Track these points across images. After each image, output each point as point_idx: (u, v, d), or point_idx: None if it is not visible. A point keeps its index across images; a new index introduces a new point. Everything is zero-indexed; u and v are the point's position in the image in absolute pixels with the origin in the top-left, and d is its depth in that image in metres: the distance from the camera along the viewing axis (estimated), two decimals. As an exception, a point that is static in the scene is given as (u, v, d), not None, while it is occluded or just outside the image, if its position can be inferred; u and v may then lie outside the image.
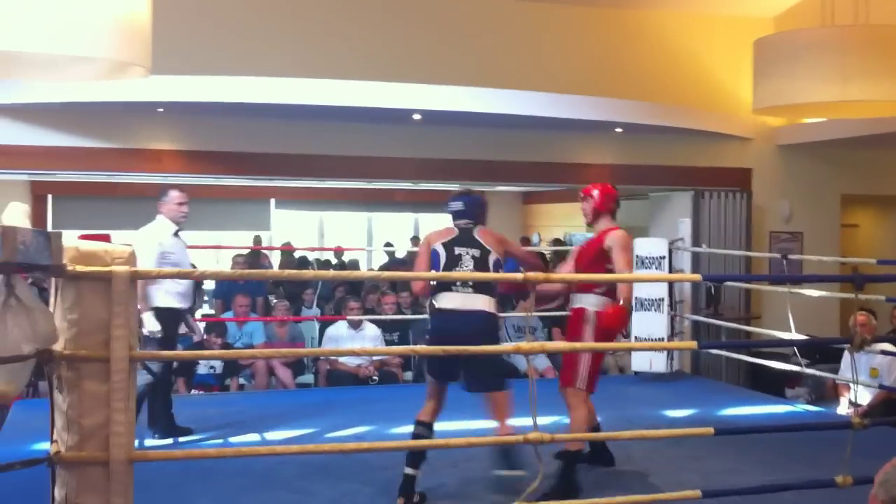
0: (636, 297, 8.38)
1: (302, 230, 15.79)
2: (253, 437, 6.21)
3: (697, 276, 5.70)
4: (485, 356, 4.75)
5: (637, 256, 8.51)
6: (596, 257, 5.20)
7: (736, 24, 10.26)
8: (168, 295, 5.98)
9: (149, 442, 5.93)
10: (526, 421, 3.98)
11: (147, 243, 5.97)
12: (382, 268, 13.19)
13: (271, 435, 6.25)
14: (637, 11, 10.16)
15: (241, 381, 8.41)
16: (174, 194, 6.19)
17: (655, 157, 10.28)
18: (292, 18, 9.13)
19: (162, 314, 5.93)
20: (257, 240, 13.89)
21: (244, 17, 9.00)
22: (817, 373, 7.54)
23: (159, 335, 5.87)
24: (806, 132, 10.33)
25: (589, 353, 5.08)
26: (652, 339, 8.15)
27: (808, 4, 9.11)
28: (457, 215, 5.07)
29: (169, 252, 6.02)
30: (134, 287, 3.30)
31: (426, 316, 7.98)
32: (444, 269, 4.96)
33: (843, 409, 7.17)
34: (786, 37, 7.94)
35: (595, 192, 5.28)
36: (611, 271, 5.11)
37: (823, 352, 8.61)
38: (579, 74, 9.77)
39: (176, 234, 6.16)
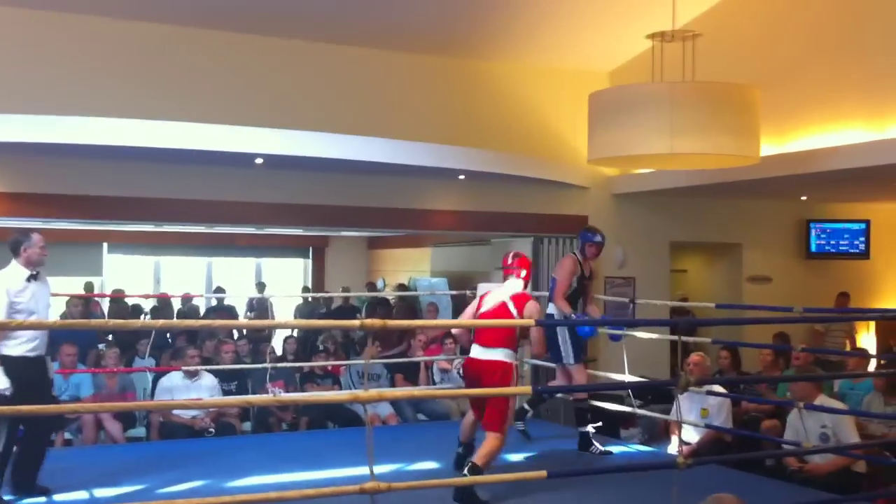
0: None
1: (136, 275, 15.19)
2: (80, 495, 5.87)
3: (531, 321, 5.80)
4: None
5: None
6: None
7: (574, 77, 10.65)
8: (22, 344, 5.59)
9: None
10: (363, 470, 3.91)
11: (2, 294, 5.59)
12: (209, 313, 12.80)
13: (99, 493, 5.92)
14: (481, 62, 10.40)
15: (68, 435, 7.95)
16: (37, 237, 5.82)
17: (497, 203, 10.49)
18: (131, 58, 8.86)
19: (17, 365, 5.54)
20: (89, 286, 13.20)
21: (77, 54, 8.65)
22: (649, 413, 7.80)
23: (7, 392, 5.46)
24: (638, 182, 10.78)
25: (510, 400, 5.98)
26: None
27: (641, 60, 9.56)
28: None
29: (18, 300, 5.64)
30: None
31: (266, 364, 7.81)
32: None
33: (673, 448, 7.42)
34: (618, 91, 8.30)
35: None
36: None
37: (656, 392, 8.92)
38: (424, 122, 9.89)
39: (33, 278, 5.78)
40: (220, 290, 13.50)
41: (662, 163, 8.85)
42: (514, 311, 6.05)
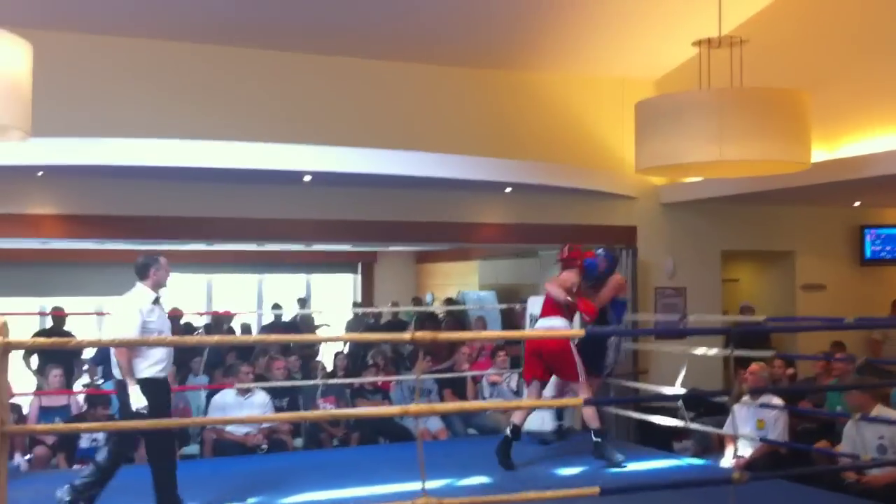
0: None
1: (189, 293, 15.39)
2: (134, 513, 5.94)
3: (581, 332, 5.79)
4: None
5: (531, 315, 8.58)
6: None
7: (620, 86, 10.58)
8: (153, 365, 5.69)
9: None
10: (415, 485, 3.90)
11: (131, 313, 5.72)
12: (265, 329, 12.90)
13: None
14: (526, 73, 10.39)
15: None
16: (164, 261, 5.96)
17: (544, 215, 10.44)
18: (178, 79, 9.00)
19: (148, 386, 5.65)
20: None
21: (128, 77, 8.81)
22: (701, 427, 7.68)
23: (145, 410, 5.58)
24: (687, 191, 10.68)
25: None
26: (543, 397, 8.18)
27: (687, 68, 9.49)
28: None
29: (149, 321, 5.76)
30: (5, 358, 3.13)
31: (317, 381, 7.90)
32: None
33: (727, 461, 7.30)
34: (666, 99, 8.22)
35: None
36: None
37: (709, 404, 8.80)
38: (470, 135, 9.90)
39: (156, 301, 5.90)
40: (277, 306, 13.62)
41: (712, 171, 8.74)
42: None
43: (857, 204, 11.46)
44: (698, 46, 8.38)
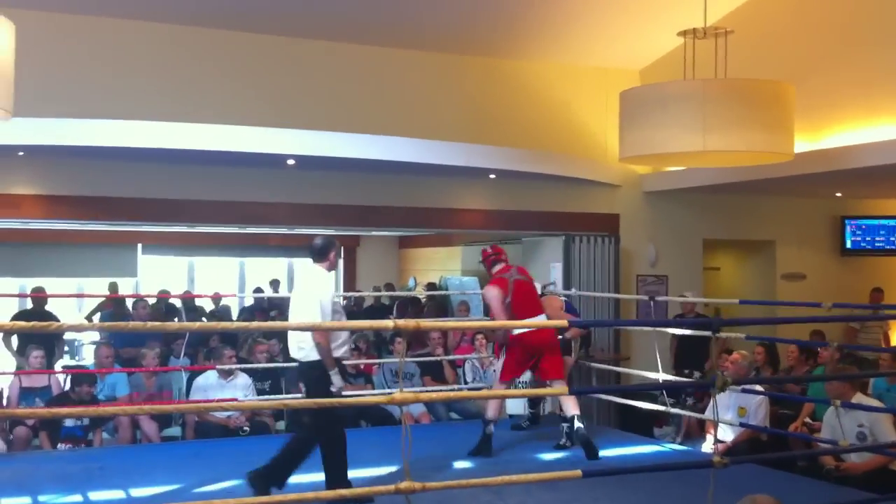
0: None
1: (171, 276, 15.33)
2: (116, 494, 5.94)
3: (564, 322, 5.83)
4: None
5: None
6: None
7: (604, 75, 10.61)
8: (340, 346, 5.69)
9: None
10: (397, 468, 3.92)
11: (327, 296, 5.65)
12: (245, 312, 12.87)
13: (136, 492, 5.99)
14: (511, 61, 10.39)
15: (105, 434, 8.04)
16: (338, 244, 5.90)
17: (527, 202, 10.48)
18: (162, 61, 8.94)
19: (342, 368, 5.73)
20: (113, 287, 13.21)
21: (111, 59, 8.75)
22: (683, 412, 7.75)
23: (342, 392, 5.63)
24: (670, 180, 10.73)
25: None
26: (525, 382, 8.22)
27: (672, 58, 9.51)
28: None
29: (335, 302, 5.78)
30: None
31: (294, 364, 7.87)
32: None
33: (708, 446, 7.37)
34: (650, 89, 8.25)
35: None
36: None
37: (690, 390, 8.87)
38: (453, 121, 9.91)
39: None
40: (259, 290, 13.58)
41: (695, 160, 8.79)
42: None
43: (838, 195, 11.55)
44: (683, 36, 8.40)
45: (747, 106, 7.41)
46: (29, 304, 10.86)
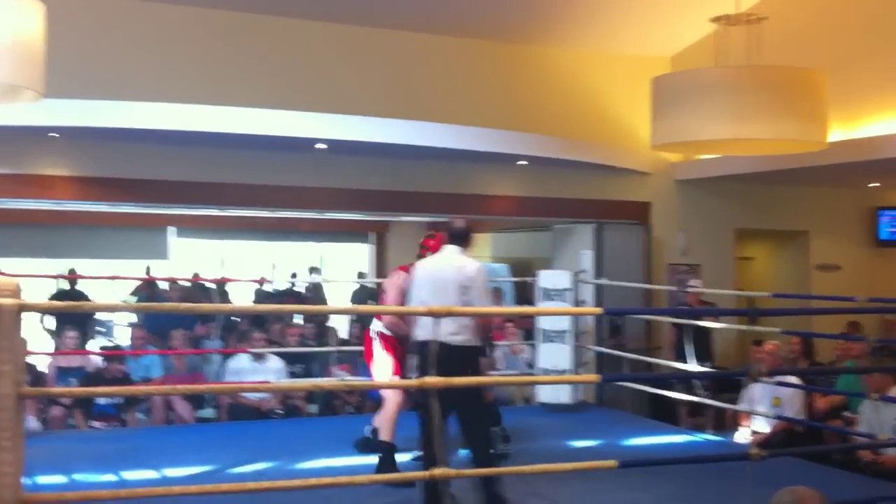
0: (542, 329, 8.46)
1: (202, 259, 15.41)
2: (150, 474, 5.98)
3: (599, 310, 5.79)
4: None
5: (542, 288, 8.59)
6: None
7: (635, 62, 10.52)
8: None
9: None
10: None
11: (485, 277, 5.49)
12: (276, 297, 12.97)
13: (170, 472, 6.02)
14: (542, 48, 10.33)
15: (139, 415, 8.13)
16: None
17: (558, 189, 10.43)
18: (195, 44, 8.97)
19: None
20: (147, 270, 13.37)
21: (145, 41, 8.79)
22: (717, 403, 7.69)
23: None
24: (702, 168, 10.64)
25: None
26: (557, 370, 8.21)
27: (704, 45, 9.42)
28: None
29: None
30: (19, 320, 3.13)
31: (332, 348, 7.85)
32: None
33: (741, 437, 7.32)
34: (682, 76, 8.17)
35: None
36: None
37: (724, 381, 8.81)
38: (485, 107, 9.87)
39: None
40: (293, 275, 13.78)
41: (727, 148, 8.71)
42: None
43: (872, 185, 11.41)
44: (716, 23, 8.32)
45: (780, 94, 7.34)
46: (64, 285, 10.99)
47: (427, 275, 5.45)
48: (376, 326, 6.16)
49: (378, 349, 6.12)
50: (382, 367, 6.06)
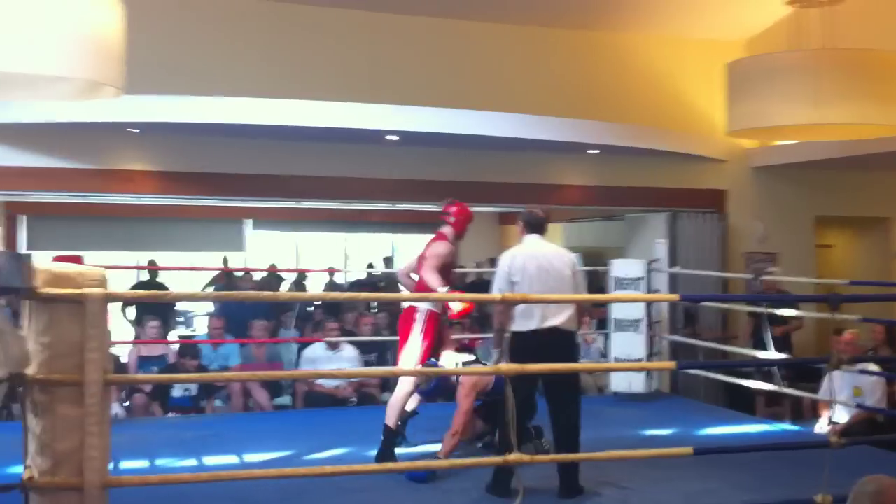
0: (615, 318, 8.41)
1: (277, 251, 15.70)
2: (230, 459, 6.13)
3: (676, 296, 5.72)
4: None
5: (615, 278, 8.53)
6: None
7: (708, 47, 10.35)
8: None
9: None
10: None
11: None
12: (352, 287, 13.16)
13: (249, 458, 6.17)
14: (611, 34, 10.23)
15: (218, 402, 8.32)
16: None
17: (630, 178, 10.33)
18: (268, 39, 9.13)
19: None
20: (225, 261, 13.67)
21: (219, 37, 8.98)
22: (796, 392, 7.55)
23: None
24: (779, 154, 10.43)
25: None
26: (630, 360, 8.15)
27: (780, 28, 9.22)
28: None
29: None
30: (105, 309, 3.24)
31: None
32: None
33: (820, 427, 7.18)
34: (758, 60, 8.02)
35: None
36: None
37: (802, 370, 8.65)
38: (555, 96, 9.82)
39: None
40: (370, 266, 14.05)
41: (806, 134, 8.53)
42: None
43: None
44: (791, 5, 8.13)
45: (861, 77, 7.16)
46: (144, 278, 11.29)
47: (536, 266, 5.34)
48: (426, 305, 5.86)
49: (417, 331, 5.81)
50: (411, 352, 5.79)
